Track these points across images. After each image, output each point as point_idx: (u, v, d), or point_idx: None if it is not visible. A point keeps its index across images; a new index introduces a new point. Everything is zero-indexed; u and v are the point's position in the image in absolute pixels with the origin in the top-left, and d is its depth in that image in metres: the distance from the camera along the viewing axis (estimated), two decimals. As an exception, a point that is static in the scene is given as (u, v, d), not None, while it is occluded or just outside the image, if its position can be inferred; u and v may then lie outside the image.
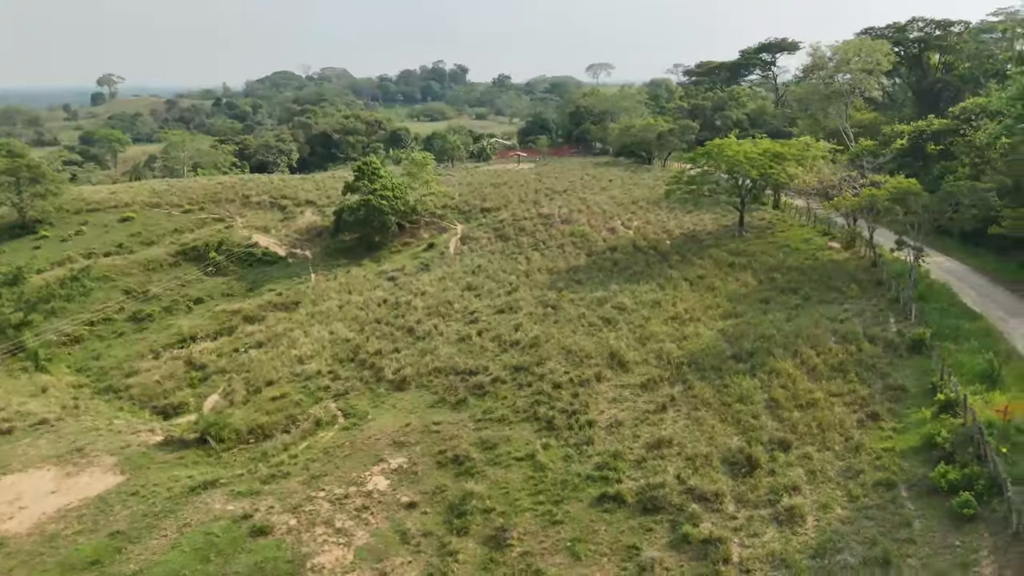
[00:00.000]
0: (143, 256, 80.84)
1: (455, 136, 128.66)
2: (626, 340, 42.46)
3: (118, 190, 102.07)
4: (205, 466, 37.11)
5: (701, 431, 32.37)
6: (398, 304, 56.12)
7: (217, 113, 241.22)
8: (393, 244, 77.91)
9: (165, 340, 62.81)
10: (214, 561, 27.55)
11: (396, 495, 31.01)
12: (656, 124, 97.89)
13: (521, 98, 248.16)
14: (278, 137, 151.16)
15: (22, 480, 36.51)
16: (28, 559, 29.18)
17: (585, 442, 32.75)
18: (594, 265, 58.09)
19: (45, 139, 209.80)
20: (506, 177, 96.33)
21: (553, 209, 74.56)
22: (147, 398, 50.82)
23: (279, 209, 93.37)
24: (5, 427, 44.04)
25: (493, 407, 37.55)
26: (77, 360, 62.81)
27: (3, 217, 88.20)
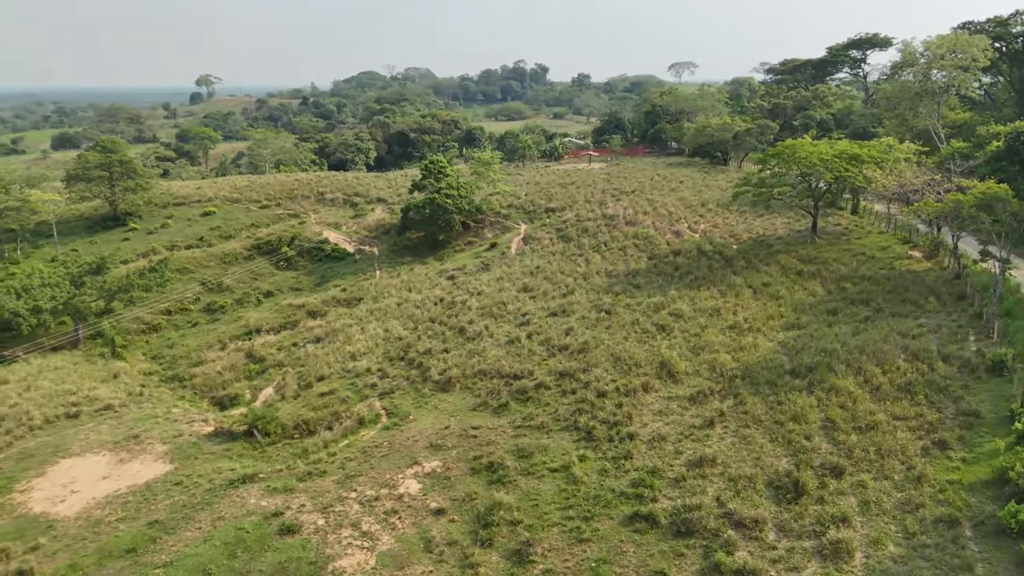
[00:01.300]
0: (220, 249, 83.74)
1: (527, 135, 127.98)
2: (679, 349, 40.63)
3: (203, 185, 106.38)
4: (249, 459, 37.63)
5: (748, 450, 30.40)
6: (453, 303, 55.83)
7: (304, 112, 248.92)
8: (457, 243, 77.96)
9: (233, 332, 64.63)
10: (240, 557, 27.67)
11: (426, 500, 30.44)
12: (733, 124, 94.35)
13: (600, 97, 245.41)
14: (357, 136, 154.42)
15: (78, 464, 37.96)
16: (71, 543, 30.12)
17: (623, 456, 31.29)
18: (655, 269, 56.18)
19: (145, 136, 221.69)
20: (575, 177, 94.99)
21: (618, 210, 72.81)
22: (207, 388, 52.25)
23: (351, 206, 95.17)
24: (73, 411, 46.08)
25: (534, 413, 36.53)
26: (153, 348, 65.37)
27: (97, 210, 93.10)
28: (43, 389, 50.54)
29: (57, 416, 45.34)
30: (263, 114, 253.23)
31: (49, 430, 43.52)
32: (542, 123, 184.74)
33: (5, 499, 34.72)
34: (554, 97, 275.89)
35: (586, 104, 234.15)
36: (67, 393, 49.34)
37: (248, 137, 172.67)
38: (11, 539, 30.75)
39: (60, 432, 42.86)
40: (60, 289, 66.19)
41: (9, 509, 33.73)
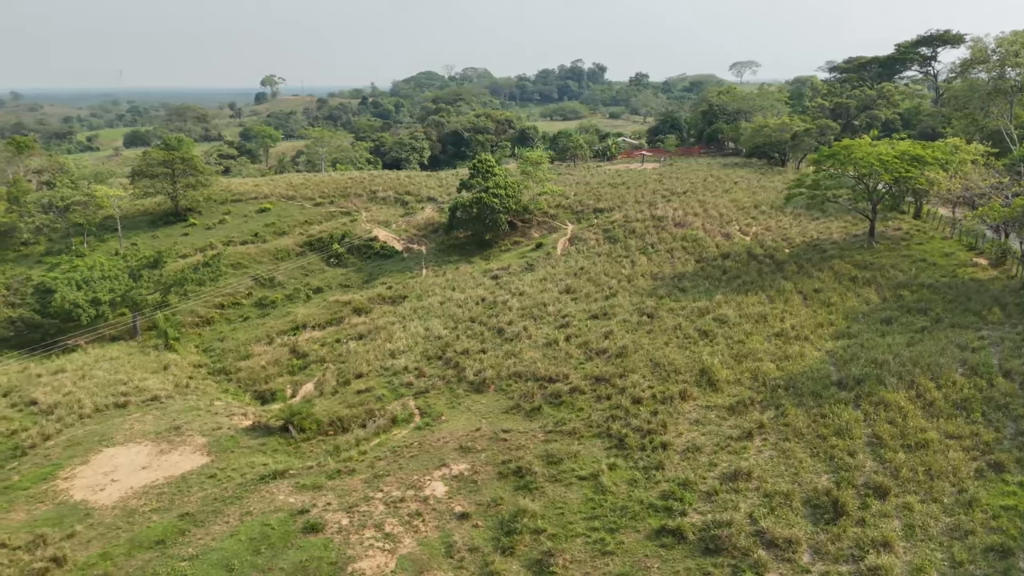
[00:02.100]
0: (273, 245, 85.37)
1: (580, 135, 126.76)
2: (721, 356, 39.18)
3: (260, 183, 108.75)
4: (282, 455, 37.92)
5: (787, 465, 28.95)
6: (494, 303, 55.40)
7: (363, 112, 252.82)
8: (503, 242, 77.58)
9: (281, 327, 65.62)
10: (264, 554, 27.72)
11: (451, 503, 29.99)
12: (791, 123, 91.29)
13: (657, 97, 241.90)
14: (412, 135, 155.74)
15: (121, 453, 38.88)
16: (106, 532, 30.74)
17: (655, 466, 30.21)
18: (702, 272, 54.58)
19: (211, 135, 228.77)
20: (626, 177, 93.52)
21: (668, 211, 71.21)
22: (251, 382, 53.08)
23: (402, 204, 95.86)
24: (122, 400, 47.36)
25: (566, 418, 35.72)
26: (204, 340, 66.91)
27: (160, 205, 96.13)
28: (97, 378, 52.16)
29: (107, 405, 46.67)
30: (323, 113, 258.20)
31: (98, 419, 44.79)
32: (597, 123, 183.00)
33: (49, 485, 35.80)
34: (611, 97, 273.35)
35: (643, 104, 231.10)
36: (118, 383, 50.79)
37: (306, 136, 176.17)
38: (50, 525, 31.62)
39: (108, 421, 44.06)
40: (119, 282, 68.42)
41: (52, 495, 34.72)
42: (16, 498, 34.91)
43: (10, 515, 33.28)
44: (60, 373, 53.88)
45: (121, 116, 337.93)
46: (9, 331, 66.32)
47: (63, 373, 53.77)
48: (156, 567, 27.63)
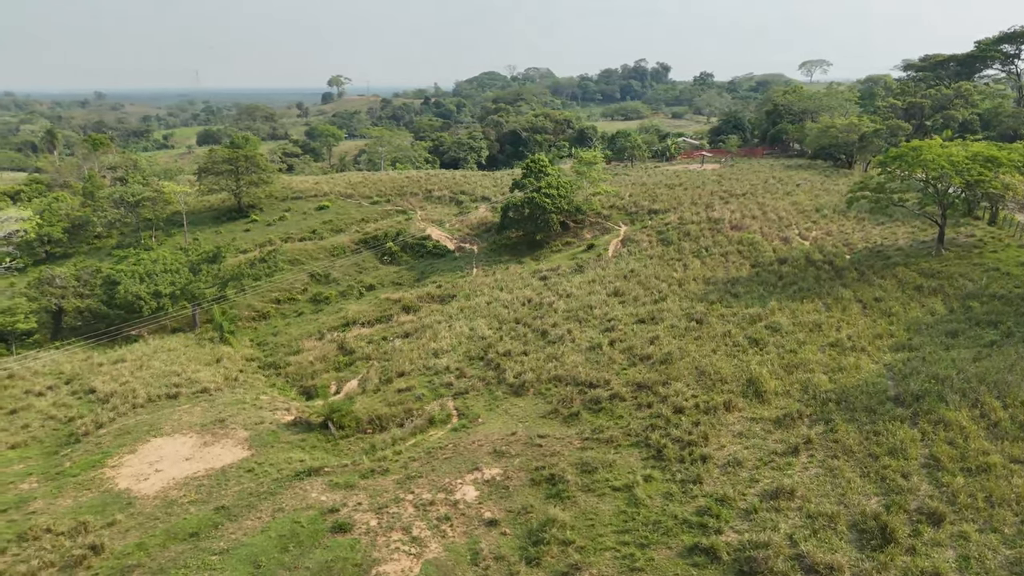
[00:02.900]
0: (330, 242, 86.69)
1: (639, 135, 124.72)
2: (770, 366, 37.47)
3: (320, 181, 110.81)
4: (320, 451, 38.07)
5: (833, 484, 27.28)
6: (540, 305, 54.64)
7: (425, 111, 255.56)
8: (555, 243, 76.77)
9: (332, 323, 66.41)
10: (291, 552, 27.71)
11: (481, 509, 29.41)
12: (860, 124, 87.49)
13: (722, 96, 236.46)
14: (470, 135, 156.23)
15: (167, 444, 39.73)
16: (144, 522, 31.33)
17: (693, 479, 28.94)
18: (756, 277, 52.58)
19: (278, 133, 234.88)
20: (684, 178, 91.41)
21: (724, 213, 69.11)
22: (299, 377, 53.76)
23: (456, 204, 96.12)
24: (173, 392, 48.58)
25: (604, 426, 34.70)
26: (259, 335, 68.27)
27: (224, 201, 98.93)
28: (153, 369, 53.69)
29: (159, 396, 47.92)
30: (387, 113, 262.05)
31: (150, 408, 46.01)
32: (659, 123, 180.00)
33: (97, 473, 36.82)
34: (674, 96, 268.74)
35: (707, 103, 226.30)
36: (172, 374, 52.15)
37: (367, 135, 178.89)
38: (93, 513, 32.44)
39: (158, 411, 45.19)
40: (179, 275, 70.50)
41: (98, 483, 35.68)
42: (65, 484, 36.03)
43: (58, 501, 34.34)
44: (120, 363, 55.69)
45: (196, 115, 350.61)
46: (78, 320, 69.04)
47: (123, 363, 55.56)
48: (188, 559, 27.94)
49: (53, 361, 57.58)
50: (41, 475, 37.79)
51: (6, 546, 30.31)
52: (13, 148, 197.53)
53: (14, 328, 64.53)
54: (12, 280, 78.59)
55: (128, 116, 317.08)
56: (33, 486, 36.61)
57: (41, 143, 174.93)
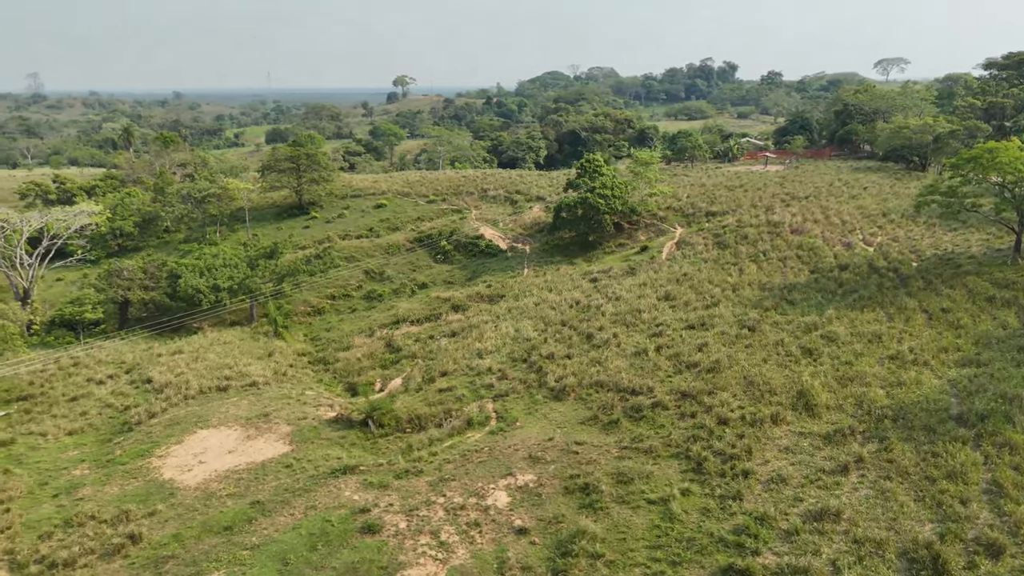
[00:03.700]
0: (386, 240, 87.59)
1: (700, 135, 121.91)
2: (823, 378, 35.64)
3: (379, 179, 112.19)
4: (358, 449, 38.10)
5: (884, 508, 25.58)
6: (588, 307, 53.66)
7: (487, 111, 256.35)
8: (608, 244, 75.58)
9: (383, 320, 66.91)
10: (319, 551, 27.66)
11: (511, 516, 28.78)
12: (934, 124, 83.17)
13: (791, 96, 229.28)
14: (529, 134, 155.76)
15: (212, 436, 40.47)
16: (183, 513, 31.87)
17: (732, 496, 27.63)
18: (815, 284, 50.35)
19: (343, 132, 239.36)
20: (745, 179, 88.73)
21: (785, 217, 66.63)
22: (346, 373, 54.18)
23: (511, 203, 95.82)
24: (224, 384, 49.56)
25: (644, 435, 33.59)
26: (313, 330, 69.34)
27: (285, 199, 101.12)
28: (208, 361, 54.95)
29: (210, 388, 48.97)
30: (449, 113, 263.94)
31: (200, 400, 47.04)
32: (723, 123, 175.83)
33: (144, 462, 37.75)
34: (740, 96, 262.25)
35: (775, 103, 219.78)
36: (224, 367, 53.24)
37: (427, 135, 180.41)
38: (136, 501, 33.21)
39: (208, 403, 46.14)
40: (237, 270, 72.14)
41: (144, 472, 36.56)
42: (114, 472, 37.06)
43: (105, 488, 35.32)
44: (177, 354, 57.22)
45: (266, 115, 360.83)
46: (143, 312, 71.41)
47: (180, 354, 57.07)
48: (220, 553, 28.23)
49: (116, 351, 59.59)
50: (93, 462, 38.99)
51: (53, 531, 31.30)
52: (95, 145, 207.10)
53: (82, 318, 67.14)
54: (85, 272, 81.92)
55: (203, 115, 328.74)
56: (84, 472, 37.80)
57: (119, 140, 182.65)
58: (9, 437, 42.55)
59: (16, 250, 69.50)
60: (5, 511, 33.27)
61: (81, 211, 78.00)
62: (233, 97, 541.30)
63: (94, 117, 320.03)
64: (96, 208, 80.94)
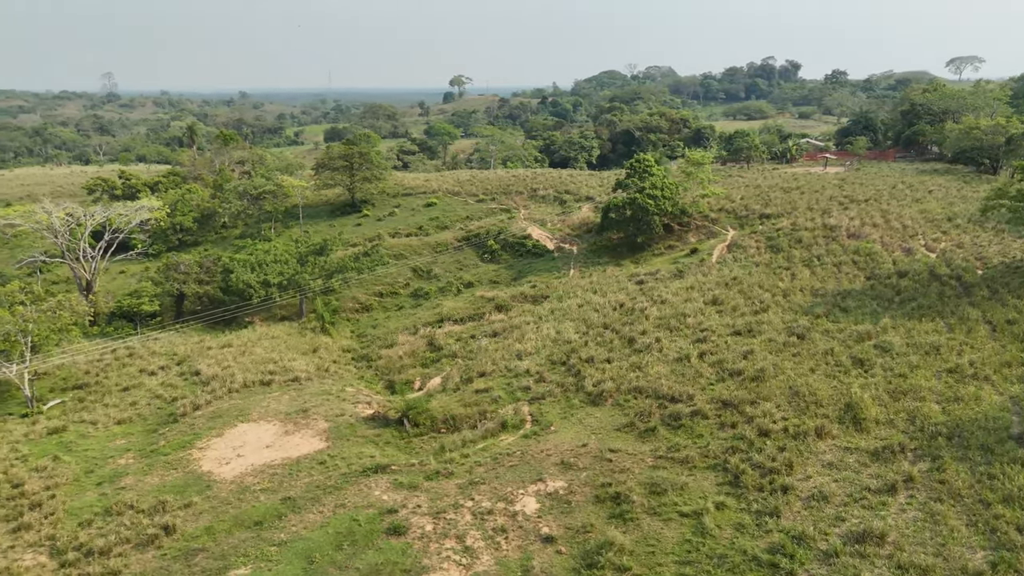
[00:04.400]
0: (434, 239, 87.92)
1: (758, 135, 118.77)
2: (874, 390, 33.91)
3: (431, 178, 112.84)
4: (392, 448, 38.03)
5: (933, 532, 24.02)
6: (632, 310, 52.56)
7: (542, 111, 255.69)
8: (657, 246, 74.13)
9: (428, 318, 67.08)
10: (345, 551, 27.58)
11: (539, 523, 28.16)
12: (1008, 125, 78.95)
13: (856, 96, 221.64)
14: (582, 134, 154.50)
15: (252, 430, 41.00)
16: (217, 506, 32.27)
17: (770, 512, 26.40)
18: (871, 291, 48.17)
19: (399, 131, 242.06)
20: (802, 181, 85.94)
21: (842, 220, 64.11)
22: (387, 370, 54.38)
23: (560, 203, 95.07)
24: (267, 379, 50.25)
25: (681, 444, 32.51)
26: (360, 327, 70.03)
27: (339, 196, 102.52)
28: (255, 356, 55.88)
29: (254, 382, 49.70)
30: (503, 112, 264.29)
31: (244, 394, 47.78)
32: (783, 123, 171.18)
33: (185, 454, 38.46)
34: (802, 96, 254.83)
35: (838, 103, 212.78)
36: (269, 361, 54.06)
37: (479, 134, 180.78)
38: (174, 493, 33.80)
39: (250, 397, 46.83)
40: (288, 266, 73.32)
41: (184, 464, 37.23)
42: (156, 463, 37.85)
43: (147, 478, 36.08)
44: (226, 348, 58.36)
45: (326, 114, 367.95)
46: (197, 305, 73.24)
47: (228, 348, 58.19)
48: (248, 548, 28.43)
49: (170, 342, 61.16)
50: (138, 452, 39.94)
51: (93, 519, 32.08)
52: (162, 143, 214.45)
53: (139, 310, 69.20)
54: (147, 265, 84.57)
55: (265, 114, 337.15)
56: (129, 462, 38.73)
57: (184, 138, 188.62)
58: (62, 424, 44.00)
59: (80, 243, 72.02)
60: (51, 497, 34.31)
61: (142, 206, 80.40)
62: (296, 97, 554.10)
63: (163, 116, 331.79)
64: (156, 204, 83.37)
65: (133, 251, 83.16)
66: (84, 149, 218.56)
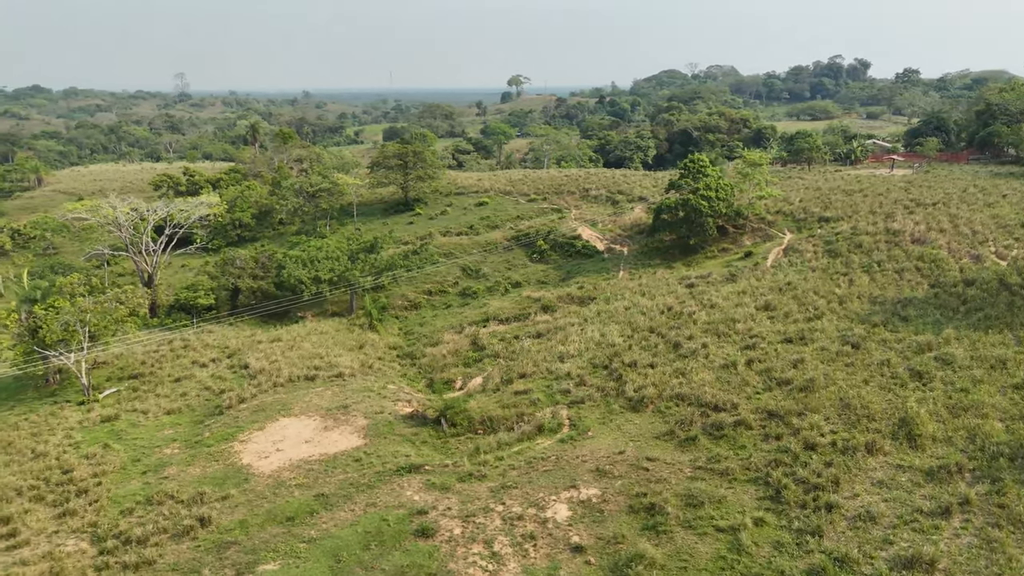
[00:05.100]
0: (484, 238, 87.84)
1: (820, 136, 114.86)
2: (932, 405, 32.00)
3: (483, 178, 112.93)
4: (428, 448, 37.82)
5: (989, 560, 22.37)
6: (680, 314, 51.20)
7: (599, 110, 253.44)
8: (710, 248, 72.27)
9: (474, 317, 66.91)
10: (372, 551, 27.40)
11: (569, 531, 27.45)
12: (1093, 125, 74.08)
13: (928, 95, 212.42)
14: (638, 133, 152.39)
15: (292, 425, 41.41)
16: (253, 500, 32.59)
17: (811, 531, 25.06)
18: (934, 300, 45.71)
19: (455, 131, 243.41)
20: (866, 184, 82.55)
21: (907, 225, 61.17)
22: (430, 369, 54.34)
23: (612, 203, 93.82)
24: (312, 374, 50.80)
25: (722, 455, 31.30)
26: (408, 324, 70.37)
27: (393, 195, 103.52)
28: (302, 351, 56.65)
29: (299, 376, 50.32)
30: (560, 112, 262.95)
31: (288, 388, 48.41)
32: (849, 123, 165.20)
33: (227, 446, 39.06)
34: (870, 95, 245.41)
35: (909, 103, 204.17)
36: (315, 356, 54.69)
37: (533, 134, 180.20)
38: (213, 485, 34.30)
39: (294, 392, 47.40)
40: (339, 262, 74.25)
41: (225, 456, 37.81)
42: (199, 454, 38.57)
43: (189, 469, 36.76)
44: (275, 342, 59.34)
45: (386, 113, 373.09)
46: (252, 299, 74.85)
47: (277, 342, 59.16)
48: (278, 543, 28.56)
49: (223, 335, 62.55)
50: (183, 442, 40.81)
51: (135, 507, 32.82)
52: (228, 141, 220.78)
53: (196, 303, 71.05)
54: (207, 259, 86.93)
55: (327, 113, 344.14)
56: (174, 452, 39.59)
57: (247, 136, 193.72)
58: (114, 413, 45.36)
59: (142, 237, 74.40)
60: (97, 484, 35.27)
61: (201, 202, 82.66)
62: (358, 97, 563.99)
63: (230, 115, 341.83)
64: (214, 200, 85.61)
65: (192, 245, 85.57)
66: (155, 147, 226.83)
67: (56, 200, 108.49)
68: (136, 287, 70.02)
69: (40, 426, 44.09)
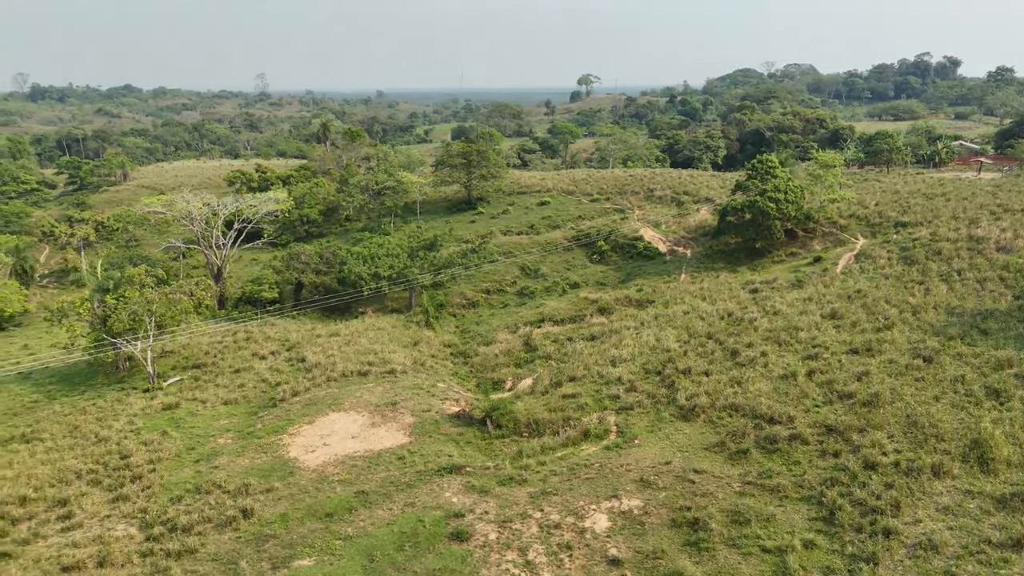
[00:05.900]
0: (544, 238, 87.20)
1: (901, 136, 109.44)
2: (1008, 427, 29.61)
3: (546, 177, 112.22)
4: (472, 449, 37.42)
5: (1065, 602, 20.37)
6: (740, 320, 49.31)
7: (669, 109, 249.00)
8: (777, 252, 69.59)
9: (529, 317, 66.35)
10: (406, 552, 27.13)
11: (607, 543, 26.52)
12: None
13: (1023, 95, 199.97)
14: (708, 133, 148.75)
15: (340, 419, 41.71)
16: (295, 494, 32.85)
17: (866, 557, 23.40)
18: (1018, 312, 42.55)
19: (523, 130, 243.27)
20: (949, 187, 78.03)
21: (992, 231, 57.33)
22: (482, 368, 54.04)
23: (677, 204, 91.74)
24: (365, 369, 51.16)
25: (774, 471, 29.73)
26: (465, 322, 70.37)
27: (456, 193, 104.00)
28: (358, 346, 57.19)
29: (352, 372, 50.75)
30: (629, 111, 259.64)
31: (341, 383, 48.87)
32: (935, 124, 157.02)
33: (276, 439, 39.64)
34: (960, 95, 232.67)
35: (1001, 103, 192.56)
36: (370, 352, 55.10)
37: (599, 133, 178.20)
38: (259, 476, 34.78)
39: (346, 387, 47.82)
40: (399, 260, 74.92)
41: (274, 448, 38.34)
42: (250, 445, 39.25)
43: (239, 460, 37.42)
44: (333, 336, 60.15)
45: (456, 113, 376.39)
46: (314, 294, 76.35)
47: (335, 337, 59.94)
48: (315, 539, 28.64)
49: (285, 329, 63.84)
50: (236, 433, 41.64)
51: (184, 495, 33.56)
52: (301, 139, 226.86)
53: (260, 296, 72.87)
54: (275, 253, 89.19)
55: (399, 113, 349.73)
56: (227, 442, 40.43)
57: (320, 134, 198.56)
58: (175, 401, 46.75)
59: (213, 231, 76.78)
60: (152, 471, 36.29)
61: (268, 198, 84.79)
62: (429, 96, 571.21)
63: (306, 114, 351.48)
64: (282, 196, 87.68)
65: (259, 240, 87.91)
66: (235, 144, 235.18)
67: (139, 194, 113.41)
68: (206, 279, 72.35)
69: (106, 411, 45.80)
